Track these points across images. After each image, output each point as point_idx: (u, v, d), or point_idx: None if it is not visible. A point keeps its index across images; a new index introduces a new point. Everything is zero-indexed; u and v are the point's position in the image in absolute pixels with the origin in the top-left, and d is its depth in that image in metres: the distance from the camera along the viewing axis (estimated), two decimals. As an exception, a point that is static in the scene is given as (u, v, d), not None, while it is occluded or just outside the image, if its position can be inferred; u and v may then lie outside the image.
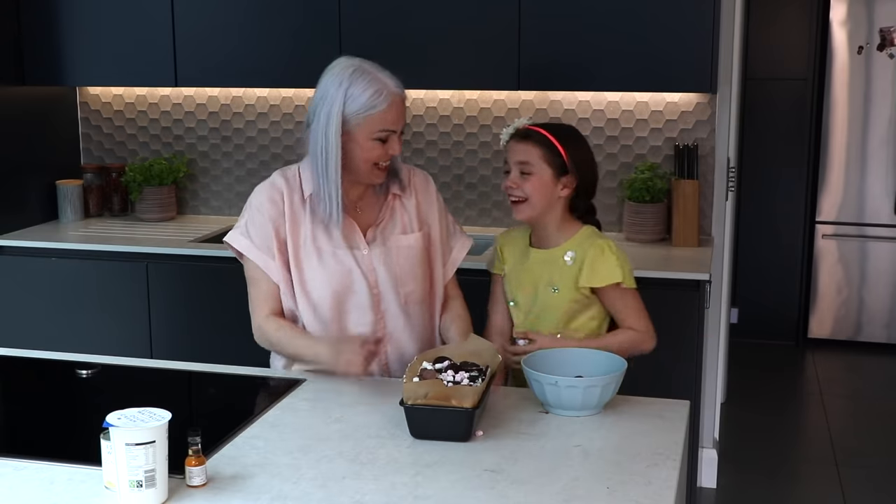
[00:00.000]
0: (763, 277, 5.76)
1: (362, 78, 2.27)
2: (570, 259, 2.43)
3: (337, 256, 2.33)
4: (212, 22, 3.74)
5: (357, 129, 2.26)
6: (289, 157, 4.08)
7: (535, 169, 2.41)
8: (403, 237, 2.40)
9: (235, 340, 3.52)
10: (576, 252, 2.43)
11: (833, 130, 5.49)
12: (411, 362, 2.08)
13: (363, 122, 2.26)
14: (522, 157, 2.42)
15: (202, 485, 1.72)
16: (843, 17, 5.36)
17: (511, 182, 2.43)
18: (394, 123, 2.29)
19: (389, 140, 2.29)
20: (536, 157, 2.41)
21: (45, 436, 2.08)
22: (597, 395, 2.02)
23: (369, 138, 2.27)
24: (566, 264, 2.43)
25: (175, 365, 2.49)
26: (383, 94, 2.26)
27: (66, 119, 4.23)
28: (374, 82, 2.26)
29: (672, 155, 3.72)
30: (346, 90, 2.25)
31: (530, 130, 2.45)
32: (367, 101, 2.25)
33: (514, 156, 2.44)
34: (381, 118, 2.27)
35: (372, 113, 2.26)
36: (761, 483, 3.94)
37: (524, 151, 2.42)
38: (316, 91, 2.33)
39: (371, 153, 2.29)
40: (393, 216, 2.41)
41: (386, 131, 2.28)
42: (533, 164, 2.41)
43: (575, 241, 2.46)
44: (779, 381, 5.20)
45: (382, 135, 2.28)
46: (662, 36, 3.37)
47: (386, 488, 1.72)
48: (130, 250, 3.64)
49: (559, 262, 2.44)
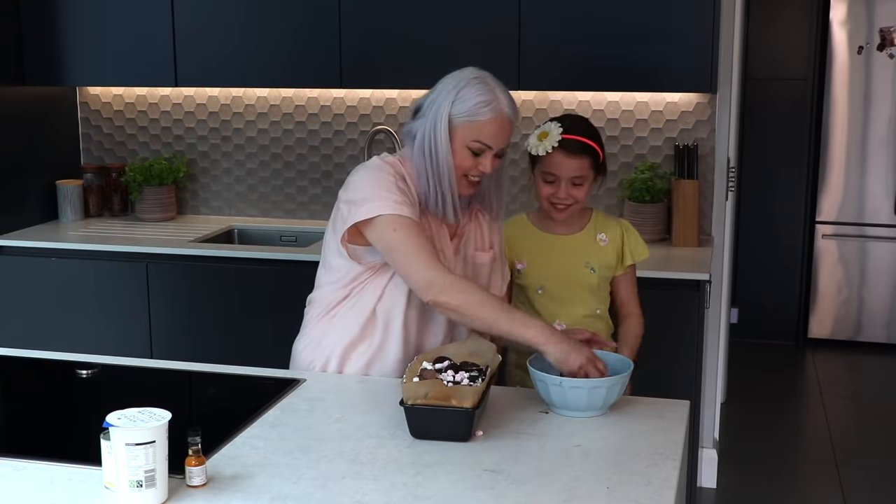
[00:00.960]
0: (763, 277, 5.75)
1: (479, 86, 2.23)
2: (602, 241, 2.58)
3: None
4: (212, 22, 3.74)
5: (455, 133, 2.22)
6: (288, 157, 4.08)
7: (586, 178, 2.50)
8: (479, 253, 2.40)
9: (235, 340, 3.54)
10: (605, 234, 2.59)
11: (833, 130, 5.49)
12: (411, 362, 2.08)
13: (462, 127, 2.22)
14: (577, 173, 2.48)
15: (202, 485, 1.72)
16: (843, 17, 5.36)
17: (564, 195, 2.49)
18: (491, 138, 2.22)
19: (483, 155, 2.24)
20: (587, 168, 2.49)
21: (45, 436, 2.08)
22: (602, 397, 2.02)
23: (464, 145, 2.22)
24: (601, 245, 2.58)
25: (175, 365, 2.49)
26: (491, 105, 2.21)
27: (66, 119, 4.23)
28: (488, 93, 2.22)
29: (672, 155, 3.72)
30: (459, 91, 2.22)
31: (584, 146, 2.48)
32: (473, 108, 2.21)
33: (565, 171, 2.47)
34: (479, 128, 2.21)
35: (473, 120, 2.21)
36: (761, 483, 3.94)
37: (579, 167, 2.48)
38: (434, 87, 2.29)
39: (462, 161, 2.23)
40: (470, 229, 2.39)
41: (481, 144, 2.22)
42: (585, 176, 2.50)
43: (597, 222, 2.61)
44: (779, 381, 5.20)
45: (476, 146, 2.23)
46: (662, 36, 3.38)
47: (386, 488, 1.72)
48: (130, 250, 3.64)
49: (593, 245, 2.58)
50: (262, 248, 3.73)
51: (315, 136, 4.04)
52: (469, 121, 2.21)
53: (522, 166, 3.86)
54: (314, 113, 4.03)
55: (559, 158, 2.47)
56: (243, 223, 4.09)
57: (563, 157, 2.46)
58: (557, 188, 2.49)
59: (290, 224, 4.05)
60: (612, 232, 2.60)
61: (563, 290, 2.57)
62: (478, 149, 2.23)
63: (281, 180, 4.10)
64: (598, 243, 2.58)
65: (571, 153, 2.46)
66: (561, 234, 2.59)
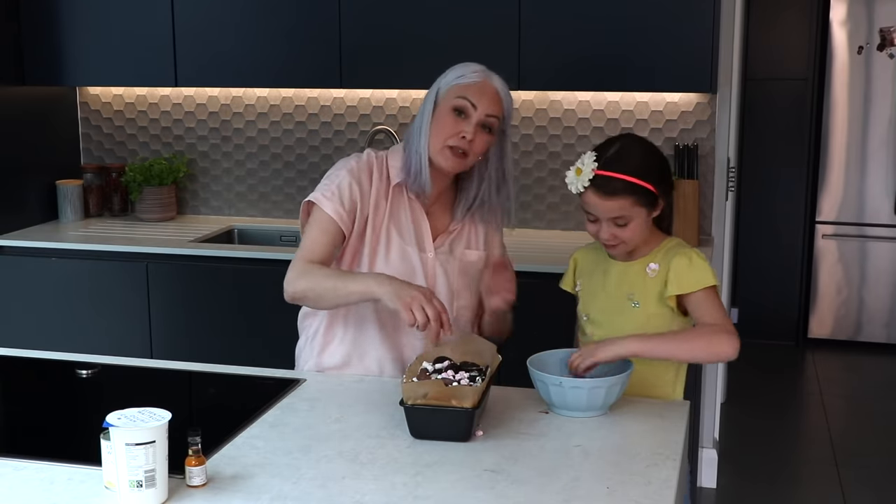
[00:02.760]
0: (763, 277, 5.76)
1: (469, 63, 2.30)
2: (652, 271, 2.22)
3: (405, 253, 2.30)
4: (211, 22, 3.74)
5: (442, 101, 2.27)
6: (288, 157, 4.08)
7: (630, 219, 2.16)
8: (469, 252, 2.39)
9: (235, 340, 3.54)
10: (659, 264, 2.22)
11: (833, 130, 5.49)
12: (411, 362, 2.08)
13: (449, 91, 2.26)
14: (616, 214, 2.15)
15: (202, 485, 1.72)
16: (843, 17, 5.36)
17: (609, 237, 2.18)
18: (475, 96, 2.23)
19: (467, 117, 2.23)
20: (630, 207, 2.15)
21: (45, 436, 2.08)
22: (602, 397, 2.02)
23: (449, 108, 2.24)
24: (648, 276, 2.23)
25: (175, 365, 2.49)
26: (478, 72, 2.27)
27: (66, 119, 4.23)
28: (476, 65, 2.29)
29: (672, 155, 3.72)
30: (451, 69, 2.30)
31: (621, 185, 2.13)
32: (460, 73, 2.27)
33: (602, 212, 2.16)
34: (465, 87, 2.24)
35: (460, 82, 2.26)
36: (761, 483, 3.95)
37: (616, 208, 2.14)
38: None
39: (444, 126, 2.24)
40: (464, 228, 2.39)
41: (465, 100, 2.23)
42: (628, 216, 2.16)
43: (659, 252, 2.24)
44: (779, 382, 5.20)
45: (460, 103, 2.23)
46: (662, 36, 3.37)
47: (386, 488, 1.72)
48: (130, 250, 3.64)
49: (641, 275, 2.24)
50: (262, 248, 3.73)
51: (315, 136, 4.04)
52: (456, 84, 2.26)
53: (523, 166, 3.86)
54: (314, 113, 4.03)
55: (593, 199, 2.15)
56: (243, 223, 4.09)
57: (597, 199, 2.15)
58: (600, 227, 2.19)
59: (290, 224, 4.04)
60: (667, 262, 2.21)
61: (604, 319, 2.28)
62: (461, 105, 2.24)
63: (281, 180, 4.10)
64: (647, 274, 2.23)
65: (605, 194, 2.14)
66: (619, 260, 2.28)
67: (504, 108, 2.28)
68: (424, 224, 2.34)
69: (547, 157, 3.82)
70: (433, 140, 2.25)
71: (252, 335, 3.53)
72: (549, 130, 3.80)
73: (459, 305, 2.36)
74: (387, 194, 2.32)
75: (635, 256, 2.26)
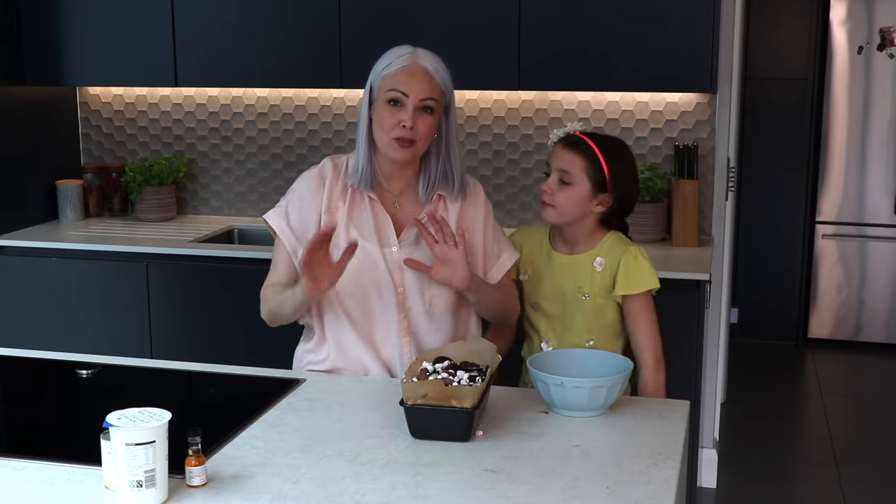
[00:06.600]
0: (763, 277, 5.75)
1: (395, 49, 2.31)
2: (599, 265, 2.40)
3: (365, 249, 2.30)
4: (211, 22, 3.74)
5: (376, 97, 2.29)
6: (288, 157, 4.08)
7: (574, 180, 2.37)
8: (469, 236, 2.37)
9: (235, 340, 3.54)
10: (605, 258, 2.40)
11: (833, 130, 5.49)
12: (411, 362, 2.08)
13: (381, 84, 2.28)
14: (564, 166, 2.37)
15: (202, 485, 1.72)
16: (843, 17, 5.36)
17: (548, 187, 2.39)
18: (405, 85, 2.25)
19: (402, 106, 2.25)
20: (578, 168, 2.37)
21: (45, 436, 2.08)
22: (603, 396, 2.02)
23: (385, 102, 2.26)
24: (595, 270, 2.40)
25: (175, 365, 2.49)
26: (403, 56, 2.28)
27: (66, 119, 4.23)
28: (402, 49, 2.30)
29: (672, 155, 3.72)
30: (379, 60, 2.31)
31: (578, 139, 2.40)
32: (386, 63, 2.29)
33: (556, 161, 2.40)
34: (394, 78, 2.26)
35: (387, 73, 2.27)
36: (761, 483, 3.94)
37: (568, 160, 2.37)
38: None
39: (383, 118, 2.26)
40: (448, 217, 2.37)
41: (396, 91, 2.25)
42: (573, 175, 2.37)
43: (603, 246, 2.41)
44: (779, 381, 5.20)
45: (393, 95, 2.25)
46: (662, 36, 3.38)
47: (386, 488, 1.72)
48: (130, 250, 3.64)
49: (588, 268, 2.40)
50: (262, 248, 3.72)
51: (315, 136, 4.04)
52: (384, 75, 2.28)
53: (523, 166, 3.86)
54: (314, 113, 4.03)
55: (556, 149, 2.41)
56: (243, 223, 4.09)
57: (559, 148, 2.40)
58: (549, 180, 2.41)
59: (290, 224, 4.04)
60: (613, 257, 2.39)
61: (553, 310, 2.43)
62: (394, 97, 2.26)
63: (281, 180, 4.10)
64: (595, 268, 2.40)
65: (566, 145, 2.39)
66: (563, 252, 2.45)
67: (440, 84, 2.29)
68: (385, 220, 2.35)
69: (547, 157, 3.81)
70: (379, 135, 2.29)
71: (252, 335, 3.51)
72: (549, 130, 3.79)
73: (431, 295, 2.34)
74: (343, 196, 2.35)
75: (579, 250, 2.42)
